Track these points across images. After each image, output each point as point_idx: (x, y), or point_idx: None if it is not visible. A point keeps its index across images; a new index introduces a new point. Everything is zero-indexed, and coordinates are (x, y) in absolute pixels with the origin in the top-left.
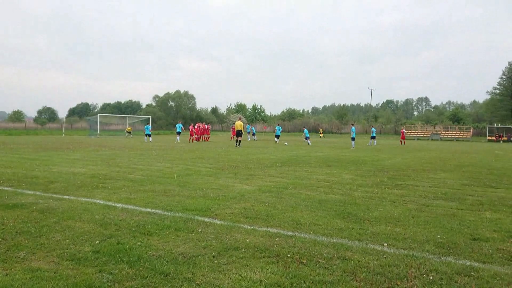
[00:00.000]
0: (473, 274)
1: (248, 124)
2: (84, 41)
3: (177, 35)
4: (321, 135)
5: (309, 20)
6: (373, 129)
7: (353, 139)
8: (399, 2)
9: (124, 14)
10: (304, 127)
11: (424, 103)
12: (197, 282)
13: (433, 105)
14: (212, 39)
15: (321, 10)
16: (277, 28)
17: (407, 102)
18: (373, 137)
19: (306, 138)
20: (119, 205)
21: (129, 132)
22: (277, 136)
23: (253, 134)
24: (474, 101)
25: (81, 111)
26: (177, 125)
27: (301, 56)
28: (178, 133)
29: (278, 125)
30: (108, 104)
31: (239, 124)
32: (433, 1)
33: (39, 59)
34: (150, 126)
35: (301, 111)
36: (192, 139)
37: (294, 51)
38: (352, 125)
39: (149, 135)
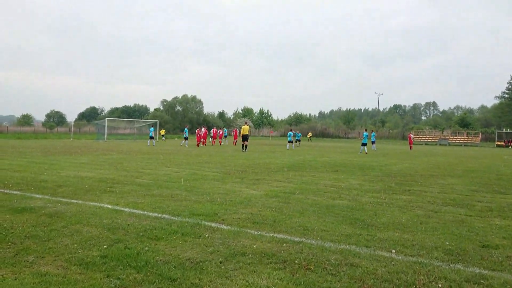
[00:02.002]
0: (482, 282)
1: (224, 128)
2: (92, 45)
3: (185, 38)
4: (309, 136)
5: (317, 24)
6: (373, 133)
7: (363, 144)
8: (407, 6)
9: (132, 17)
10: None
11: (432, 108)
12: (204, 287)
13: (441, 109)
14: (219, 42)
15: (329, 14)
16: (283, 31)
17: (415, 107)
18: (373, 142)
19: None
20: (126, 209)
21: (162, 135)
22: (291, 142)
23: (225, 136)
24: (482, 106)
25: (89, 115)
26: (185, 130)
27: (308, 59)
28: (186, 138)
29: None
30: (116, 109)
31: (245, 129)
32: (442, 5)
33: (48, 63)
34: (153, 129)
35: (307, 115)
36: (199, 144)
37: (301, 54)
38: (366, 130)
39: (152, 138)
